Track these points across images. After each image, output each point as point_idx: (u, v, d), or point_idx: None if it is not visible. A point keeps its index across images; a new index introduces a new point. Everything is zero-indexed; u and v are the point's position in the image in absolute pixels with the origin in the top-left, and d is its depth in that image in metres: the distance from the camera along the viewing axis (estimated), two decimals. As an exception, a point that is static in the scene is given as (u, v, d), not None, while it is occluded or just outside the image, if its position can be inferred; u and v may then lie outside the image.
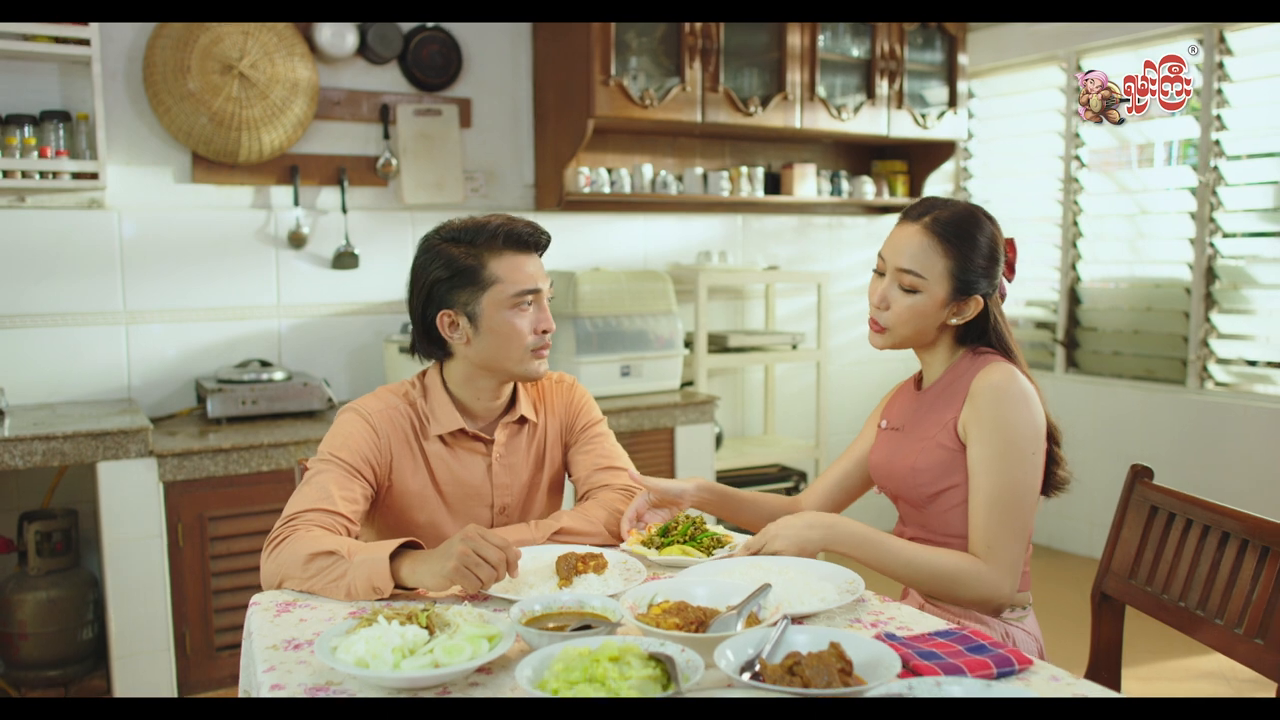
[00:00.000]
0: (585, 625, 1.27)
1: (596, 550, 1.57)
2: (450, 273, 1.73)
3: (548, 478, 1.94)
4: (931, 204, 1.78)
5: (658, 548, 1.70)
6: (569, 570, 1.50)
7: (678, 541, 1.71)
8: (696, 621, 1.26)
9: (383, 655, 1.16)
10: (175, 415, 3.37)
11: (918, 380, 1.90)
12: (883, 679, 1.07)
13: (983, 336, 1.80)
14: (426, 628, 1.23)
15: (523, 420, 1.89)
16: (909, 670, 1.14)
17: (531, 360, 1.79)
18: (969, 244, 1.73)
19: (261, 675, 1.23)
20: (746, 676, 1.09)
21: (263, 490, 3.03)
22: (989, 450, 1.65)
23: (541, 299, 1.80)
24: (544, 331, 1.79)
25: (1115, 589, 1.92)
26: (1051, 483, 1.79)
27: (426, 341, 1.82)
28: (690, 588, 1.38)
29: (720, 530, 1.78)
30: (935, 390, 1.81)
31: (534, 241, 1.79)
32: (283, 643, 1.33)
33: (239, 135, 3.35)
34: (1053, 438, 1.78)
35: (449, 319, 1.76)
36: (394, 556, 1.50)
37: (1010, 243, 1.82)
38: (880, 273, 1.80)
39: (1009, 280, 1.83)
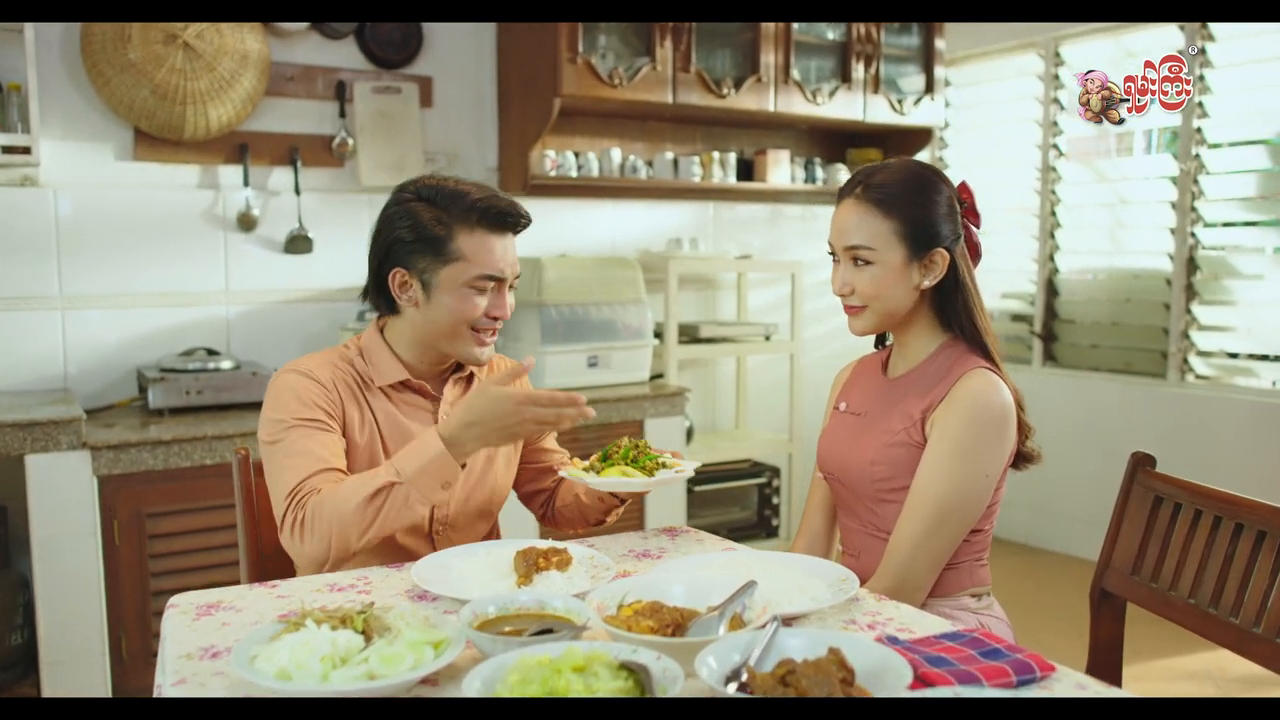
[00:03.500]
0: (546, 629, 1.12)
1: (560, 545, 1.42)
2: (414, 237, 1.63)
3: (503, 460, 1.81)
4: (863, 174, 1.67)
5: (598, 472, 1.58)
6: (528, 566, 1.34)
7: (620, 464, 1.58)
8: (673, 624, 1.11)
9: (309, 665, 1.00)
10: (114, 406, 3.17)
11: (884, 363, 1.78)
12: (891, 690, 0.92)
13: (959, 318, 1.67)
14: (362, 633, 1.07)
15: (472, 378, 1.79)
16: (919, 680, 0.99)
17: (472, 344, 1.67)
18: (909, 199, 1.62)
19: (169, 689, 1.06)
20: (732, 688, 0.94)
21: (206, 485, 2.84)
22: (945, 458, 1.57)
23: (503, 286, 1.68)
24: (495, 317, 1.67)
25: (1117, 585, 1.79)
26: (1021, 454, 1.69)
27: (375, 292, 1.71)
28: (666, 585, 1.23)
29: (664, 454, 1.64)
30: (909, 380, 1.69)
31: (512, 222, 1.67)
32: (199, 650, 1.16)
33: (184, 110, 3.16)
34: (1019, 405, 1.67)
35: (401, 278, 1.65)
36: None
37: (964, 186, 1.70)
38: (834, 258, 1.70)
39: (976, 226, 1.71)
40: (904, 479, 1.62)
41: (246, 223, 3.40)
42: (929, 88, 4.38)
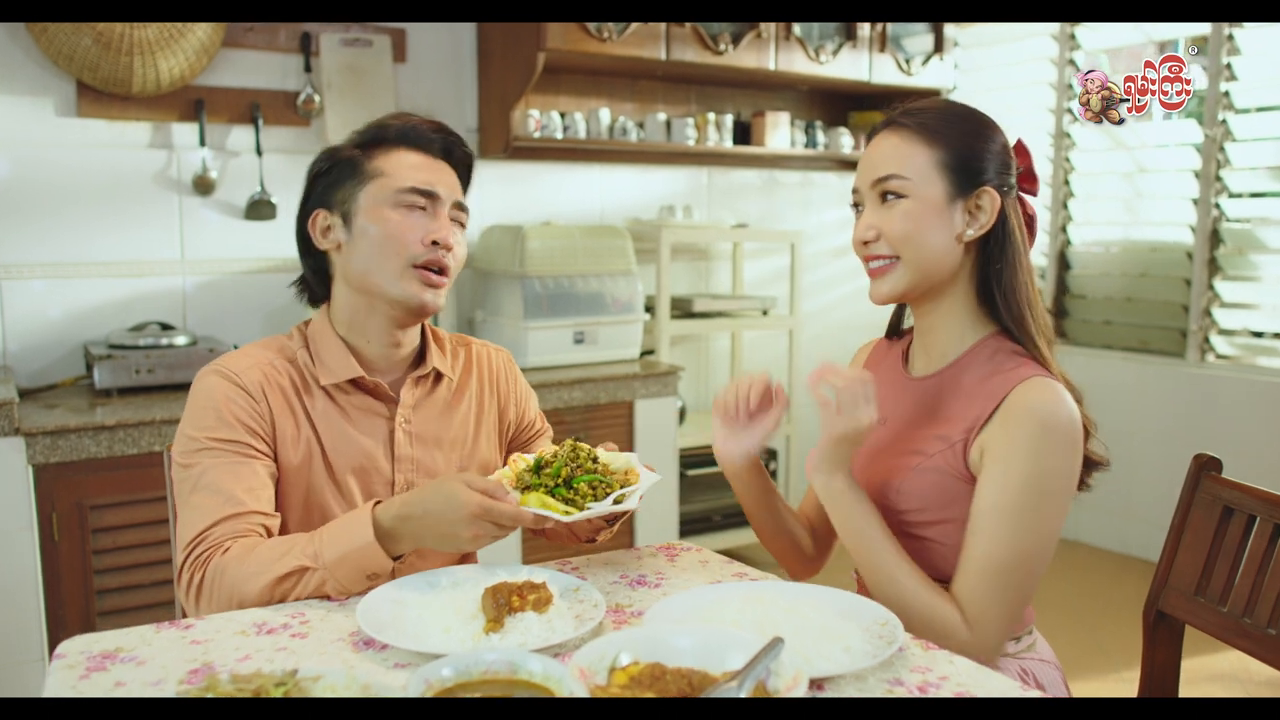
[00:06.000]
0: (517, 707, 0.88)
1: (537, 578, 1.17)
2: (329, 164, 1.43)
3: (477, 465, 1.55)
4: (903, 107, 1.37)
5: (524, 489, 1.26)
6: (499, 608, 1.10)
7: (546, 486, 1.25)
8: (680, 695, 0.87)
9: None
10: (57, 385, 2.91)
11: (905, 354, 1.45)
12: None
13: (1006, 298, 1.33)
14: (281, 712, 0.83)
15: (437, 376, 1.51)
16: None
17: (413, 279, 1.40)
18: (956, 129, 1.32)
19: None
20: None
21: (154, 474, 2.57)
22: (1012, 498, 1.23)
23: (440, 208, 1.42)
24: (434, 243, 1.40)
25: (1175, 606, 1.57)
26: (1087, 461, 1.34)
27: (305, 255, 1.50)
28: (669, 639, 0.99)
29: (627, 465, 1.30)
30: (940, 384, 1.35)
31: (438, 143, 1.46)
32: (78, 725, 0.92)
33: (130, 61, 2.88)
34: (1078, 400, 1.33)
35: (322, 220, 1.43)
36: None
37: (1020, 146, 1.39)
38: (857, 205, 1.38)
39: (1033, 193, 1.39)
40: (937, 512, 1.32)
41: (203, 186, 3.12)
42: (938, 47, 4.13)
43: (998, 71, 4.49)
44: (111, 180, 3.03)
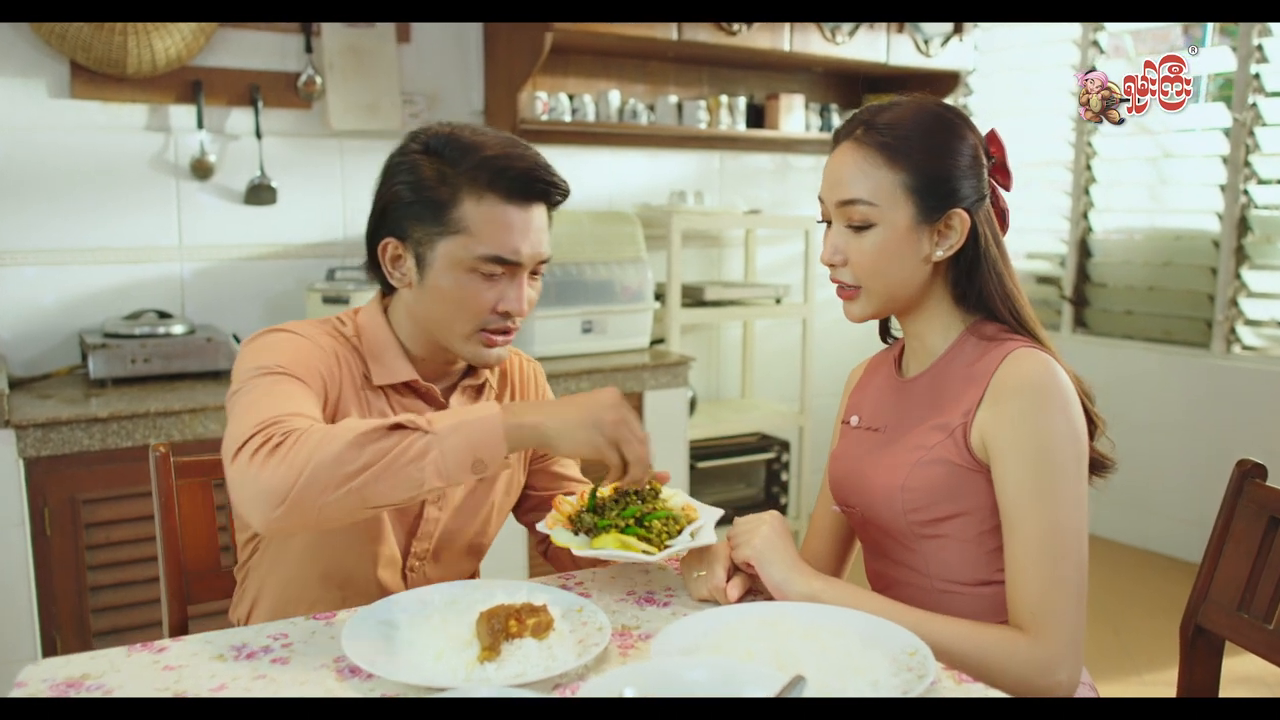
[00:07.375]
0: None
1: (536, 600, 1.08)
2: (414, 196, 1.28)
3: (503, 483, 1.47)
4: (867, 113, 1.31)
5: (587, 532, 1.21)
6: (494, 634, 1.01)
7: (616, 526, 1.20)
8: (691, 743, 0.79)
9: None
10: (51, 375, 2.84)
11: (898, 360, 1.43)
12: None
13: (984, 299, 1.31)
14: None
15: (484, 388, 1.45)
16: None
17: (477, 343, 1.32)
18: (923, 144, 1.26)
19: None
20: None
21: (149, 468, 2.52)
22: (1029, 475, 1.20)
23: (520, 273, 1.31)
24: (505, 313, 1.31)
25: (1216, 622, 1.48)
26: (1092, 461, 1.33)
27: (370, 265, 1.37)
28: (679, 672, 0.91)
29: (684, 501, 1.28)
30: (931, 379, 1.33)
31: (541, 190, 1.31)
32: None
33: (124, 40, 2.79)
34: (1085, 394, 1.32)
35: (394, 250, 1.31)
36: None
37: (993, 136, 1.33)
38: (826, 221, 1.33)
39: (1006, 188, 1.34)
40: (946, 507, 1.26)
41: (201, 170, 3.04)
42: (957, 28, 4.01)
43: (1018, 53, 4.37)
44: (107, 164, 2.95)
